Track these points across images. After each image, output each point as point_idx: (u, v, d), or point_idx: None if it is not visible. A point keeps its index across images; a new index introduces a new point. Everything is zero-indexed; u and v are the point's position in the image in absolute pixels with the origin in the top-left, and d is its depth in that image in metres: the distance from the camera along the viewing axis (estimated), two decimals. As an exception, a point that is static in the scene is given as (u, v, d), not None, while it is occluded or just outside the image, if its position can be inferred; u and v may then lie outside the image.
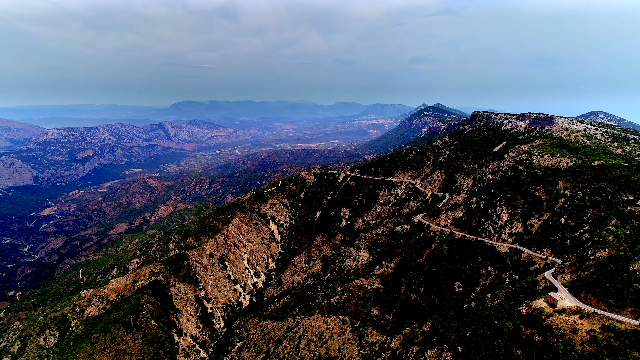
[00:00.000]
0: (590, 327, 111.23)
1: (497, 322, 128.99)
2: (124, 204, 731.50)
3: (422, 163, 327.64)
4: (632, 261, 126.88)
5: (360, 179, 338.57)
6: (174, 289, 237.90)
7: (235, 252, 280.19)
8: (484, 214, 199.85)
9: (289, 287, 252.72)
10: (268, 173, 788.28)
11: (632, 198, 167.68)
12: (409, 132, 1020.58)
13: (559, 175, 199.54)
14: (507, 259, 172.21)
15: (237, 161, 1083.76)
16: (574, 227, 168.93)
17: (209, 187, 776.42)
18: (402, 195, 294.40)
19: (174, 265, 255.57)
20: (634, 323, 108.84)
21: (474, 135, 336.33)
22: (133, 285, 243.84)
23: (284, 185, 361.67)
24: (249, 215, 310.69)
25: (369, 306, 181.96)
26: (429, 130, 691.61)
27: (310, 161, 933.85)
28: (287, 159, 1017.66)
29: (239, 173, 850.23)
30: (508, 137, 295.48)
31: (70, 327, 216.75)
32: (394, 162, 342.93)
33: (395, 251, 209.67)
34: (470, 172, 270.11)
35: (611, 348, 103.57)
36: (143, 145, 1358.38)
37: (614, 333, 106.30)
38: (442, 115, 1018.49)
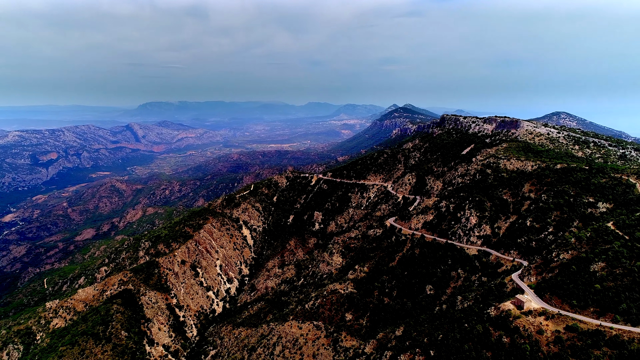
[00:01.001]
0: (555, 327, 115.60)
1: (467, 325, 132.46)
2: (91, 208, 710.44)
3: (394, 166, 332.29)
4: (593, 262, 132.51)
5: (333, 182, 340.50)
6: (145, 298, 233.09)
7: (208, 259, 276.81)
8: (453, 217, 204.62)
9: (262, 293, 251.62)
10: (240, 175, 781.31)
11: (592, 200, 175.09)
12: (380, 133, 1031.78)
13: (524, 178, 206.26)
14: (476, 262, 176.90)
15: (208, 163, 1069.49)
16: (538, 229, 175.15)
17: (179, 190, 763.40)
18: (374, 198, 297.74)
19: (144, 273, 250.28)
20: (595, 323, 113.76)
21: (443, 138, 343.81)
22: (102, 294, 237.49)
23: (256, 189, 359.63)
24: (221, 221, 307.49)
25: (343, 311, 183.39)
26: (400, 131, 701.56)
27: (283, 163, 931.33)
28: (259, 160, 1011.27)
29: (210, 175, 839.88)
30: (476, 140, 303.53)
31: (35, 341, 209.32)
32: (365, 165, 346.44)
33: (368, 255, 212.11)
34: (440, 174, 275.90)
35: (574, 348, 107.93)
36: (110, 148, 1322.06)
37: (577, 333, 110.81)
38: (412, 116, 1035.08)
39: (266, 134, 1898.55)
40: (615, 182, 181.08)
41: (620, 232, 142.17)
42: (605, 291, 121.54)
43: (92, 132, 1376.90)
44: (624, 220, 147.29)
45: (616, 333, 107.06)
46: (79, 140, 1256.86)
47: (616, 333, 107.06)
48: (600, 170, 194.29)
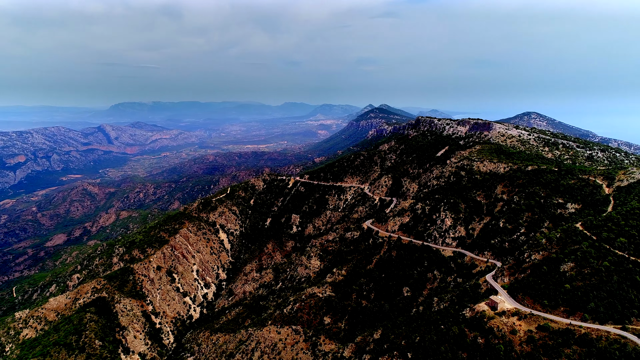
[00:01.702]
0: (528, 327, 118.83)
1: (443, 327, 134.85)
2: (62, 213, 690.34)
3: (370, 168, 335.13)
4: (563, 263, 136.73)
5: (310, 184, 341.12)
6: (120, 306, 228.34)
7: (184, 264, 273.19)
8: (429, 219, 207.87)
9: (240, 298, 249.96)
10: (216, 177, 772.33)
11: (562, 201, 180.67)
12: (356, 134, 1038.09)
13: (497, 180, 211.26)
14: (451, 263, 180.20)
15: (183, 165, 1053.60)
16: (511, 230, 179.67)
17: (154, 193, 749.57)
18: (351, 201, 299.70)
19: (118, 280, 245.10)
20: (565, 322, 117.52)
21: (418, 140, 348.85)
22: (74, 303, 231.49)
23: (232, 192, 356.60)
24: (197, 225, 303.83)
25: (322, 314, 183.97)
26: (376, 132, 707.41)
27: (259, 164, 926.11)
28: (236, 161, 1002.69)
29: (185, 178, 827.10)
30: (450, 142, 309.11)
31: (4, 352, 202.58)
32: (342, 167, 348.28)
33: (346, 258, 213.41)
34: (416, 176, 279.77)
35: (546, 347, 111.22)
36: (81, 150, 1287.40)
37: (549, 332, 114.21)
38: (387, 117, 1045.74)
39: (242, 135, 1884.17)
40: (583, 183, 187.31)
41: (588, 233, 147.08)
42: (575, 291, 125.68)
43: (62, 133, 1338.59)
44: (591, 221, 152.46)
45: (585, 331, 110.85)
46: (48, 143, 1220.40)
47: (585, 331, 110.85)
48: (569, 172, 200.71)
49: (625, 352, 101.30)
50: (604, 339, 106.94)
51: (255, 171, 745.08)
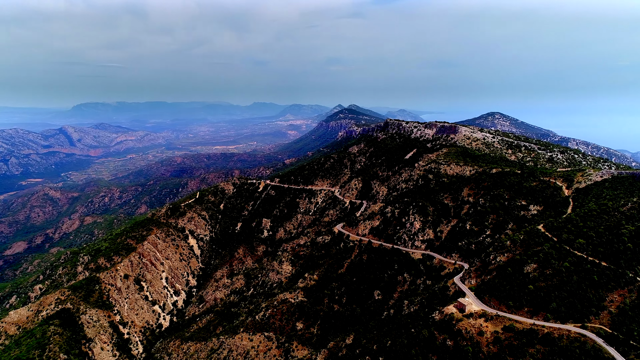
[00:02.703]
0: (494, 328, 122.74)
1: (414, 330, 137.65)
2: (22, 219, 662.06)
3: (340, 171, 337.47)
4: (526, 264, 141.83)
5: (281, 188, 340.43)
6: (85, 317, 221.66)
7: (153, 271, 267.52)
8: (399, 222, 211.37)
9: (211, 305, 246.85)
10: (184, 180, 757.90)
11: (524, 203, 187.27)
12: (326, 134, 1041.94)
13: (463, 183, 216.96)
14: (420, 265, 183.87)
15: (150, 167, 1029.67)
16: (477, 232, 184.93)
17: (119, 197, 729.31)
18: (322, 204, 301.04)
19: (83, 291, 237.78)
20: (529, 322, 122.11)
21: (387, 143, 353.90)
22: (37, 315, 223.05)
23: (202, 196, 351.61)
24: (165, 231, 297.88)
25: (294, 320, 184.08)
26: (345, 133, 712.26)
27: (229, 165, 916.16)
28: (204, 163, 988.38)
29: (152, 180, 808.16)
30: (418, 145, 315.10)
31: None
32: (313, 170, 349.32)
33: (318, 262, 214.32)
34: (385, 179, 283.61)
35: (512, 347, 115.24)
36: (42, 153, 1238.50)
37: (514, 333, 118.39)
38: (357, 117, 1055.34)
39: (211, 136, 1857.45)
40: (545, 185, 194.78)
41: (550, 234, 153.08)
42: (538, 291, 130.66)
43: (20, 136, 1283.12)
44: (552, 223, 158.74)
45: (548, 331, 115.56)
46: (5, 145, 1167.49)
47: (548, 331, 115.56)
48: (531, 174, 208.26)
49: (584, 350, 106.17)
50: (565, 337, 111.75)
51: (225, 173, 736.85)
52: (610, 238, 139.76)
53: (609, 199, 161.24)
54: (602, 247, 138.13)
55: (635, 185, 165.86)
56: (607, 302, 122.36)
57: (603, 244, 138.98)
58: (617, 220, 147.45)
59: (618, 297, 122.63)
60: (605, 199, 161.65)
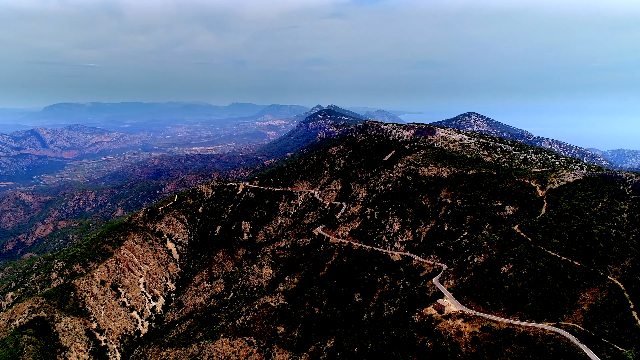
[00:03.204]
0: (472, 329, 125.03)
1: (394, 332, 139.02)
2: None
3: (320, 172, 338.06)
4: (503, 265, 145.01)
5: (260, 190, 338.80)
6: (60, 325, 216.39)
7: (130, 277, 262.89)
8: (378, 224, 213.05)
9: (191, 310, 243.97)
10: (162, 182, 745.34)
11: (500, 204, 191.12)
12: (305, 135, 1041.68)
13: (441, 184, 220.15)
14: (400, 267, 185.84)
15: (126, 169, 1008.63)
16: (455, 233, 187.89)
17: (95, 201, 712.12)
18: (301, 206, 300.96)
19: (58, 298, 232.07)
20: (506, 322, 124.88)
21: (366, 144, 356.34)
22: (9, 325, 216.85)
23: (180, 200, 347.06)
24: (143, 235, 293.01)
25: (275, 324, 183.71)
26: (325, 134, 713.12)
27: (207, 167, 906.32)
28: (182, 165, 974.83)
29: (129, 183, 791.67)
30: (396, 147, 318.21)
31: None
32: (292, 172, 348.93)
33: (298, 265, 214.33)
34: (365, 181, 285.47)
35: (489, 347, 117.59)
36: (12, 155, 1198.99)
37: (491, 333, 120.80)
38: (336, 118, 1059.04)
39: (189, 137, 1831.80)
40: (520, 186, 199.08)
41: (525, 235, 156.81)
42: (514, 291, 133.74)
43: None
44: (527, 224, 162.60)
45: (524, 330, 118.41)
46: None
47: (524, 330, 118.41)
48: (506, 175, 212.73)
49: (559, 348, 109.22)
50: (541, 336, 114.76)
51: (203, 175, 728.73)
52: (582, 238, 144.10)
53: (581, 199, 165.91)
54: (574, 246, 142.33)
55: (605, 186, 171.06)
56: (580, 300, 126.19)
57: (576, 244, 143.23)
58: (589, 220, 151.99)
59: (590, 296, 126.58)
60: (577, 200, 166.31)
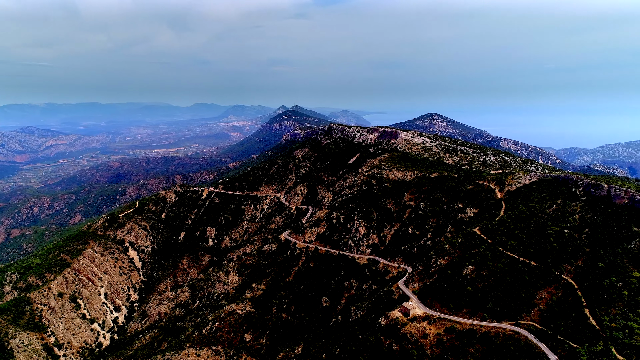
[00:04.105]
0: (437, 331, 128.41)
1: (361, 337, 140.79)
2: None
3: (285, 176, 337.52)
4: (464, 266, 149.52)
5: (225, 194, 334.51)
6: (15, 341, 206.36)
7: (90, 287, 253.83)
8: (344, 228, 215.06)
9: (155, 320, 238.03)
10: (122, 186, 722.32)
11: (462, 206, 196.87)
12: (270, 136, 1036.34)
13: (405, 187, 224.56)
14: (366, 270, 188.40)
15: (84, 173, 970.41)
16: (419, 236, 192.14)
17: (50, 207, 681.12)
18: (267, 210, 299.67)
19: (12, 313, 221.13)
20: (469, 322, 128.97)
21: (331, 147, 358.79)
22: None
23: (142, 206, 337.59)
24: (103, 244, 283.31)
25: (242, 332, 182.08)
26: (290, 136, 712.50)
27: (170, 170, 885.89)
28: (144, 168, 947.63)
29: (87, 188, 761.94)
30: (361, 150, 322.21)
31: None
32: (258, 176, 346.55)
33: (265, 272, 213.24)
34: (330, 184, 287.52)
35: (453, 348, 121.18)
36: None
37: (455, 334, 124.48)
38: (300, 119, 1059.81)
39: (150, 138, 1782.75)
40: (480, 188, 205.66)
41: (485, 237, 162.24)
42: (475, 292, 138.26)
43: None
44: (487, 226, 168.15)
45: (485, 330, 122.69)
46: None
47: (485, 330, 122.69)
48: (467, 178, 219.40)
49: (518, 346, 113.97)
50: (501, 335, 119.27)
51: (166, 178, 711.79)
52: (538, 239, 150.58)
53: (537, 201, 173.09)
54: (531, 247, 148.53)
55: (558, 188, 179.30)
56: (537, 299, 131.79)
57: (532, 245, 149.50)
58: (544, 221, 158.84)
59: (546, 295, 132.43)
60: (533, 202, 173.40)
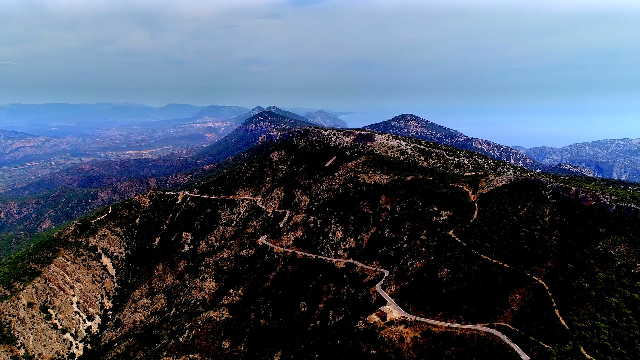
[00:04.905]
0: (414, 334, 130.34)
1: (339, 342, 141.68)
2: None
3: (262, 179, 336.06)
4: (440, 269, 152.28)
5: (201, 199, 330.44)
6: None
7: (61, 297, 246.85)
8: (321, 232, 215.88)
9: (130, 328, 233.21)
10: (94, 190, 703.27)
11: (436, 209, 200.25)
12: (246, 138, 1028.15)
13: (381, 191, 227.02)
14: (344, 274, 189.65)
15: (53, 176, 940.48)
16: (395, 239, 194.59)
17: (18, 212, 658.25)
18: (244, 214, 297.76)
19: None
20: (444, 325, 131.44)
21: (307, 150, 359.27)
22: None
23: (115, 211, 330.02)
24: (75, 251, 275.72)
25: (220, 339, 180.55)
26: (266, 138, 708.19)
27: (143, 172, 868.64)
28: (116, 170, 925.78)
29: (57, 192, 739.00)
30: (337, 153, 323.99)
31: None
32: (234, 179, 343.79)
33: (242, 277, 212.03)
34: (307, 187, 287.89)
35: (430, 351, 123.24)
36: None
37: (431, 337, 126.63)
38: (276, 120, 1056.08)
39: (122, 140, 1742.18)
40: (454, 191, 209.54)
41: (459, 240, 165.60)
42: (451, 295, 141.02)
43: None
44: (461, 229, 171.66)
45: (461, 332, 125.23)
46: None
47: (461, 332, 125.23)
48: (441, 180, 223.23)
49: (492, 348, 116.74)
50: (476, 337, 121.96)
51: (139, 181, 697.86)
52: (510, 241, 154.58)
53: (508, 204, 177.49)
54: (504, 249, 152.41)
55: (529, 190, 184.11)
56: (510, 301, 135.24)
57: (505, 247, 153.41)
58: (516, 224, 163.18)
59: (519, 296, 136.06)
60: (505, 204, 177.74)
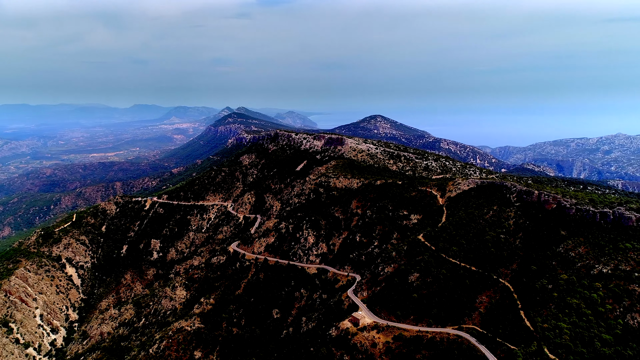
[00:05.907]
0: (386, 339, 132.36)
1: (312, 349, 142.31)
2: None
3: (232, 184, 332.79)
4: (410, 274, 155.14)
5: (170, 205, 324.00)
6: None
7: (23, 310, 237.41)
8: (293, 238, 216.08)
9: (97, 340, 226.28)
10: (57, 195, 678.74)
11: (406, 213, 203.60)
12: (215, 140, 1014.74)
13: (352, 195, 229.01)
14: (316, 280, 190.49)
15: (12, 181, 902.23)
16: (366, 244, 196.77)
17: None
18: (215, 220, 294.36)
19: None
20: (415, 329, 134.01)
21: (278, 154, 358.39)
22: None
23: (79, 219, 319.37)
24: (37, 262, 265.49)
25: (192, 349, 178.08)
26: (235, 140, 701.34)
27: (109, 176, 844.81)
28: (80, 174, 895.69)
29: (17, 197, 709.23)
30: (308, 157, 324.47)
31: None
32: (203, 184, 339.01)
33: (213, 285, 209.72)
34: (278, 192, 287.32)
35: (402, 355, 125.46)
36: None
37: (403, 341, 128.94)
38: (246, 121, 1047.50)
39: (86, 142, 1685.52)
40: (422, 194, 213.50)
41: (429, 244, 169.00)
42: (421, 299, 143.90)
43: None
44: (431, 233, 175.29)
45: (431, 336, 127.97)
46: None
47: (431, 336, 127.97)
48: (411, 184, 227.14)
49: (461, 350, 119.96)
50: (446, 340, 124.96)
51: (105, 186, 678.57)
52: (477, 244, 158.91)
53: (475, 207, 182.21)
54: (471, 253, 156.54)
55: (494, 194, 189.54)
56: (478, 303, 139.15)
57: (472, 250, 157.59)
58: (482, 227, 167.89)
59: (486, 298, 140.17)
60: (472, 208, 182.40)
